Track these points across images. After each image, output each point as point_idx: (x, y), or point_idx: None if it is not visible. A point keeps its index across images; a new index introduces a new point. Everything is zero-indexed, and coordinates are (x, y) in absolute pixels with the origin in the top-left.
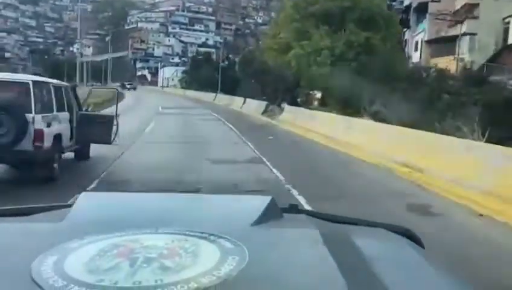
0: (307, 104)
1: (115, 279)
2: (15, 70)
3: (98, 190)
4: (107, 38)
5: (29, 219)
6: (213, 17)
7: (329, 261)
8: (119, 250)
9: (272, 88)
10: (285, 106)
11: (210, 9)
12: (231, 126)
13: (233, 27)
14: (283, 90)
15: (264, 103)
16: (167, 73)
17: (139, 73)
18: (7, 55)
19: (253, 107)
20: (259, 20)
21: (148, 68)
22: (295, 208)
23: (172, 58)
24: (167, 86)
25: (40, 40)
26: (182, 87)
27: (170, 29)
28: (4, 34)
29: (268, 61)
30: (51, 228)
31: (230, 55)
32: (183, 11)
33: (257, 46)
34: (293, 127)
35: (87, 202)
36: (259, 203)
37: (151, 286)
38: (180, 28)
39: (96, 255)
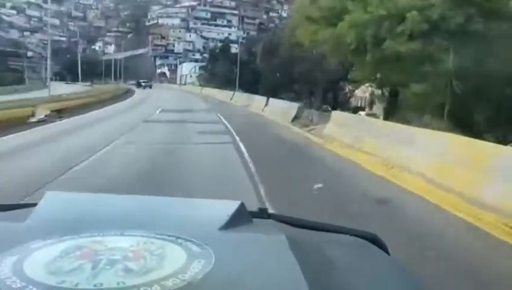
0: (345, 106)
1: (76, 281)
2: (36, 70)
3: None
4: (129, 36)
5: None
6: (236, 12)
7: (294, 266)
8: (82, 251)
9: (304, 82)
10: (333, 112)
11: (233, 4)
12: (243, 150)
13: (256, 21)
14: (323, 86)
15: (294, 105)
16: (186, 69)
17: (158, 70)
18: (30, 54)
19: (278, 110)
20: (284, 14)
21: (167, 65)
22: (265, 213)
23: (193, 55)
24: (185, 84)
25: (64, 38)
26: (200, 85)
27: (191, 25)
28: (28, 34)
29: (300, 44)
30: (12, 227)
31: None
32: (204, 5)
33: (283, 27)
34: (356, 155)
35: (52, 202)
36: (228, 207)
37: (112, 289)
38: (202, 24)
39: (58, 257)
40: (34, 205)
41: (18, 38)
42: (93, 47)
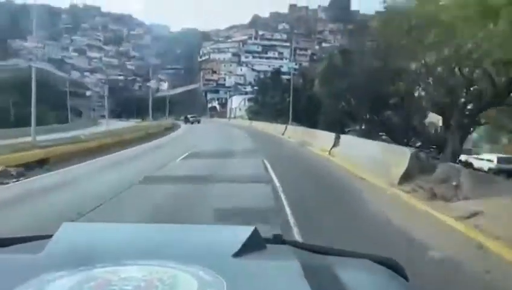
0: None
1: None
2: (94, 108)
3: None
4: (182, 72)
5: (8, 250)
6: (287, 44)
7: None
8: (97, 282)
9: (404, 112)
10: None
11: (284, 36)
12: None
13: (308, 52)
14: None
15: (398, 150)
16: (235, 103)
17: (209, 105)
18: (88, 93)
19: (362, 155)
20: (337, 44)
21: (218, 99)
22: (279, 239)
23: (244, 88)
24: (234, 117)
25: (121, 77)
26: (249, 118)
27: (243, 59)
28: (88, 74)
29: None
30: (29, 259)
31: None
32: (255, 39)
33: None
34: None
35: (67, 233)
36: (241, 233)
37: None
38: (253, 57)
39: (73, 288)
40: (50, 236)
41: (78, 78)
42: (148, 84)
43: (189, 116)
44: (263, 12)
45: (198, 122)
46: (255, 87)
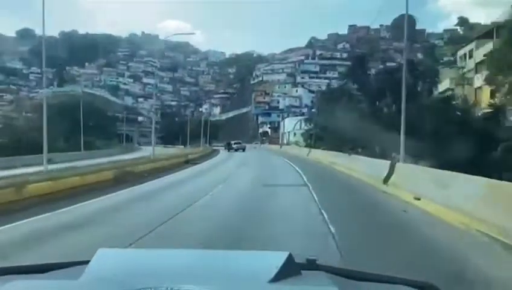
0: None
1: None
2: (146, 134)
3: None
4: (234, 96)
5: (47, 276)
6: (348, 63)
7: None
8: None
9: None
10: None
11: (344, 55)
12: None
13: (372, 72)
14: None
15: None
16: (288, 125)
17: (261, 129)
18: (140, 119)
19: None
20: (403, 62)
21: (270, 123)
22: (313, 264)
23: (300, 111)
24: (287, 144)
25: (174, 103)
26: (307, 145)
27: (298, 79)
28: (142, 100)
29: None
30: (67, 286)
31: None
32: (313, 58)
33: None
34: None
35: (104, 259)
36: (276, 259)
37: None
38: (310, 77)
39: None
40: (87, 262)
41: (131, 104)
42: (200, 109)
43: (232, 142)
44: (321, 34)
45: (243, 150)
46: (313, 110)
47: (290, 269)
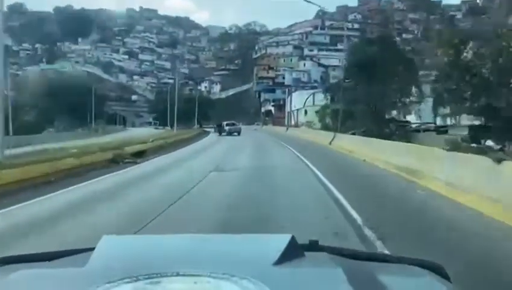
0: None
1: None
2: (139, 113)
3: None
4: (235, 72)
5: (52, 265)
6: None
7: None
8: None
9: None
10: None
11: (356, 26)
12: None
13: None
14: None
15: None
16: (297, 102)
17: (263, 108)
18: (134, 98)
19: None
20: (420, 35)
21: (274, 101)
22: (316, 245)
23: (308, 87)
24: (296, 125)
25: (172, 80)
26: (327, 127)
27: (306, 52)
28: (137, 77)
29: None
30: (73, 273)
31: None
32: (322, 29)
33: None
34: None
35: (109, 246)
36: (279, 242)
37: None
38: (319, 50)
39: None
40: (92, 249)
41: (126, 82)
42: (199, 88)
43: (224, 123)
44: (329, 6)
45: (238, 133)
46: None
47: (293, 251)
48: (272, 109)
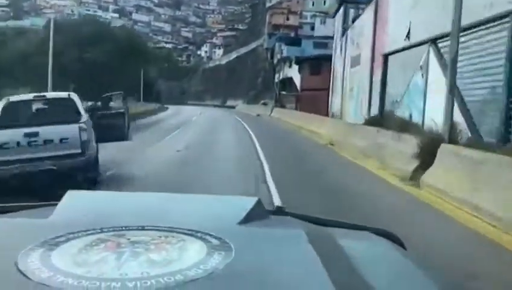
0: None
1: (101, 271)
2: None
3: None
4: (243, 30)
5: (15, 215)
6: None
7: (315, 259)
8: (106, 244)
9: None
10: None
11: None
12: None
13: None
14: None
15: None
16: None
17: (278, 75)
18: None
19: None
20: None
21: (298, 62)
22: (281, 211)
23: None
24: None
25: (169, 46)
26: None
27: None
28: None
29: None
30: (37, 223)
31: None
32: None
33: None
34: None
35: (74, 200)
36: (245, 203)
37: (137, 278)
38: None
39: (83, 249)
40: (55, 204)
41: None
42: (198, 53)
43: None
44: None
45: (120, 137)
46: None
47: (258, 213)
48: (297, 76)
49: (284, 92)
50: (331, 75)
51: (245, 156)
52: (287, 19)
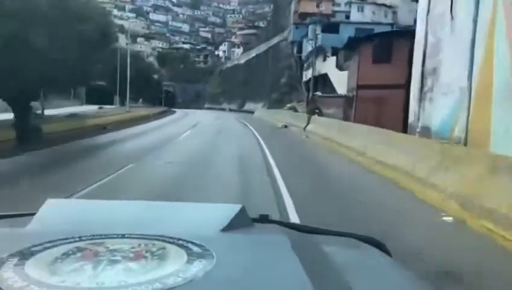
0: None
1: (77, 280)
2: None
3: None
4: (263, 26)
5: None
6: None
7: (297, 266)
8: (83, 253)
9: None
10: None
11: None
12: None
13: None
14: None
15: None
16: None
17: (307, 72)
18: None
19: None
20: None
21: (332, 55)
22: (266, 218)
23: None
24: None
25: (187, 46)
26: None
27: None
28: (142, 40)
29: None
30: (14, 233)
31: None
32: None
33: None
34: None
35: (52, 209)
36: (229, 211)
37: (114, 287)
38: None
39: (59, 258)
40: (34, 214)
41: (125, 46)
42: (216, 53)
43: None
44: None
45: None
46: None
47: (242, 220)
48: (333, 70)
49: (318, 93)
50: (419, 61)
51: None
52: (317, 6)
